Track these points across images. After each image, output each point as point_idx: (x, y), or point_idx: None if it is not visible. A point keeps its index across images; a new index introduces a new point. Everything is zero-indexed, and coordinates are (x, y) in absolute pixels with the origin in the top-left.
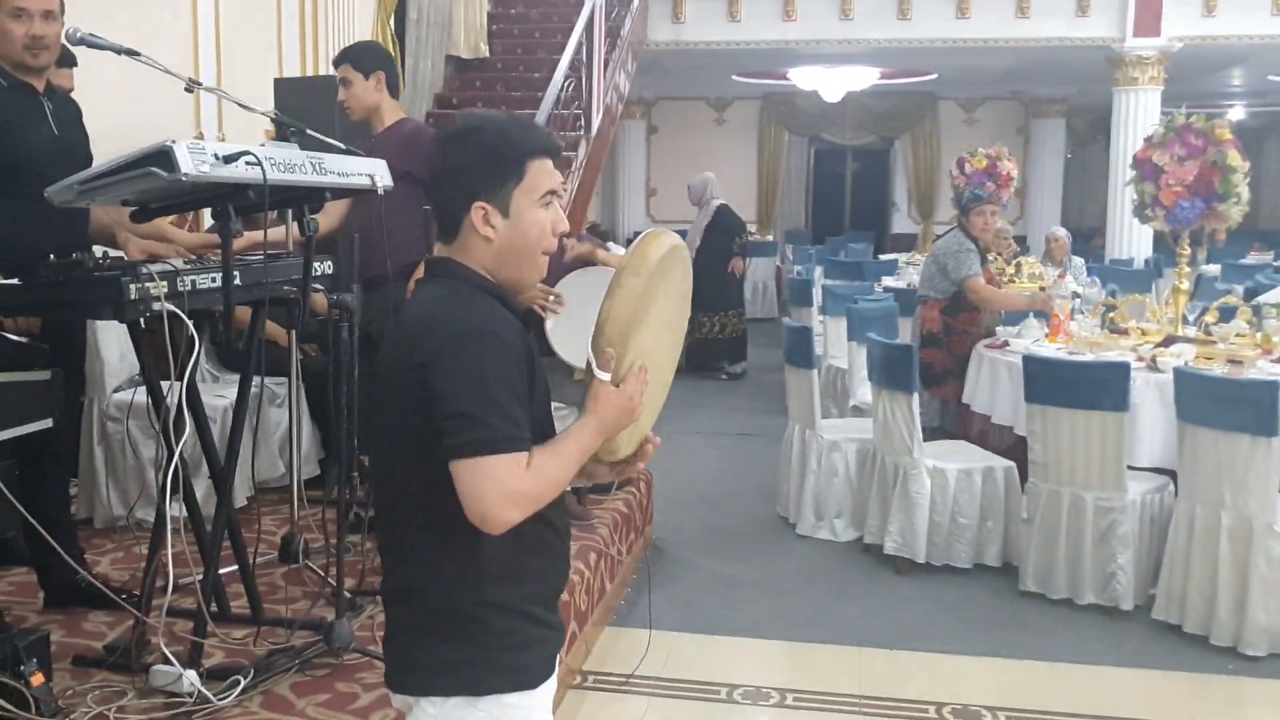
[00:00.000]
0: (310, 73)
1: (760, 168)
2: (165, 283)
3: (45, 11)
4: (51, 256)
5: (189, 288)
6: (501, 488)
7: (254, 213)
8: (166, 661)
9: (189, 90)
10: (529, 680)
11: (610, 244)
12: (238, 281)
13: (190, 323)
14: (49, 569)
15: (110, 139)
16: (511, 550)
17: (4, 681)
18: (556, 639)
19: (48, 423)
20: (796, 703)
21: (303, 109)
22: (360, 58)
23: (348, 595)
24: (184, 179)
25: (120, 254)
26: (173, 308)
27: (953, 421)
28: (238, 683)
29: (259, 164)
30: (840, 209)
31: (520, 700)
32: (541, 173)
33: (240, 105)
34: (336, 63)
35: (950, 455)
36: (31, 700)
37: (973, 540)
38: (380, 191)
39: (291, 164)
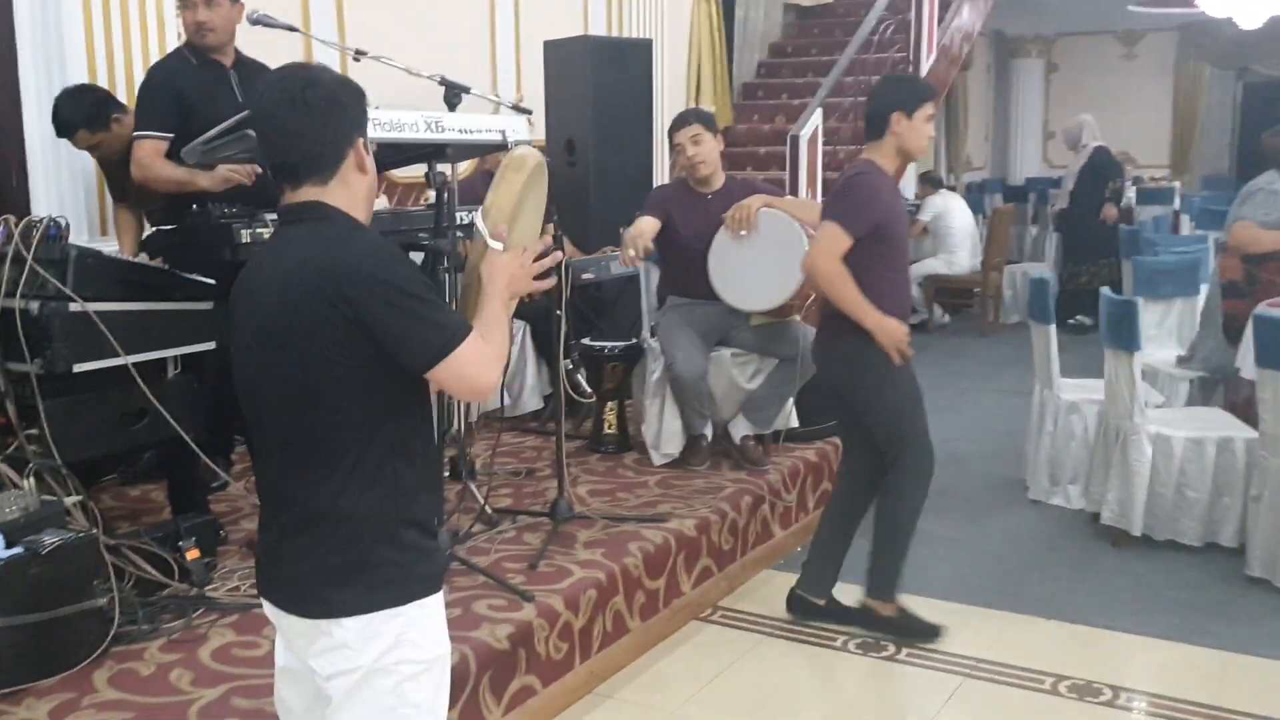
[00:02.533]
0: (617, 33)
1: (1175, 107)
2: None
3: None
4: (194, 207)
5: None
6: (480, 362)
7: (389, 169)
8: None
9: (356, 60)
10: (436, 584)
11: (936, 195)
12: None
13: None
14: None
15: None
16: (413, 471)
17: (156, 553)
18: (441, 550)
19: (210, 345)
20: (909, 657)
21: (564, 72)
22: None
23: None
24: None
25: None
26: None
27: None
28: None
29: None
30: None
31: (432, 601)
32: None
33: (407, 71)
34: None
35: (1183, 423)
36: (177, 570)
37: (1203, 516)
38: (510, 147)
39: (399, 123)
